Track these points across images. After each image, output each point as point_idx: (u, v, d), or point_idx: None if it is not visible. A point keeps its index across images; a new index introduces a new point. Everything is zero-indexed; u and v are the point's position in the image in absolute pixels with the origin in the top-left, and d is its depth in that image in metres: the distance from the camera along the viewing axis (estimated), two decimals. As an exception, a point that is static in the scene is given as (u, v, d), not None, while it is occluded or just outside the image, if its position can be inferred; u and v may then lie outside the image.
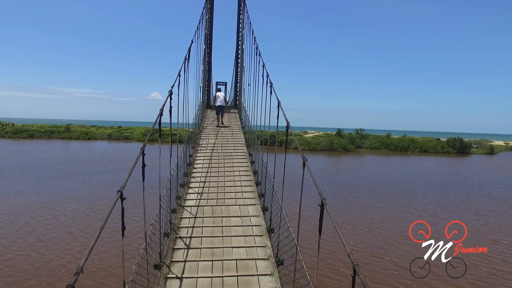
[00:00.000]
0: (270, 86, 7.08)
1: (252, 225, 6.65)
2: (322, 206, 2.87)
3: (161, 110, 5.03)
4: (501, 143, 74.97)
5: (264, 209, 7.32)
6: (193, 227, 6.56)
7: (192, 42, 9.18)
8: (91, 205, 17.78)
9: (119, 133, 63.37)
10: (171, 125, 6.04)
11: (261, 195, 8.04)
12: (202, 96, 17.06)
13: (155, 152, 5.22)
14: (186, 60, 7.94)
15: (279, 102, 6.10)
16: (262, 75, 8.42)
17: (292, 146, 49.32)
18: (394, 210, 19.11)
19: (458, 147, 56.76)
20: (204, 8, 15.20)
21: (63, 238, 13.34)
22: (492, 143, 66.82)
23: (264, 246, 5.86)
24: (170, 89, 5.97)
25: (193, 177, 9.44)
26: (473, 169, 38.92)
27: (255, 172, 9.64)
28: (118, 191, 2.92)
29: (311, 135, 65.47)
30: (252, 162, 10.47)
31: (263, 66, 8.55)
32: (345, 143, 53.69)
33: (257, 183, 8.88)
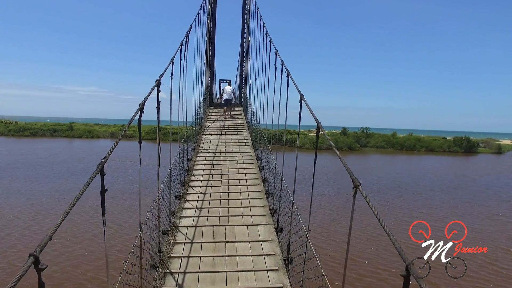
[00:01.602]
0: (287, 76, 5.70)
1: (264, 255, 5.33)
2: (407, 275, 1.69)
3: (142, 105, 3.83)
4: (508, 142, 73.48)
5: (279, 230, 6.03)
6: (188, 256, 5.27)
7: (191, 27, 7.78)
8: (76, 209, 16.58)
9: (121, 132, 62.26)
10: (158, 124, 4.72)
11: (273, 211, 6.72)
12: (204, 92, 15.73)
13: (150, 151, 4.03)
14: (183, 46, 6.59)
15: (301, 95, 4.80)
16: (275, 64, 6.98)
17: (305, 146, 48.26)
18: (399, 215, 17.87)
19: (465, 146, 55.46)
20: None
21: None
22: (499, 142, 65.37)
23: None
24: (158, 78, 4.63)
25: (192, 186, 8.11)
26: (481, 169, 37.59)
27: (265, 181, 8.33)
28: (29, 255, 1.60)
29: (315, 133, 64.20)
30: (261, 168, 9.20)
31: (276, 53, 7.13)
32: (350, 142, 52.50)
33: (268, 195, 7.59)
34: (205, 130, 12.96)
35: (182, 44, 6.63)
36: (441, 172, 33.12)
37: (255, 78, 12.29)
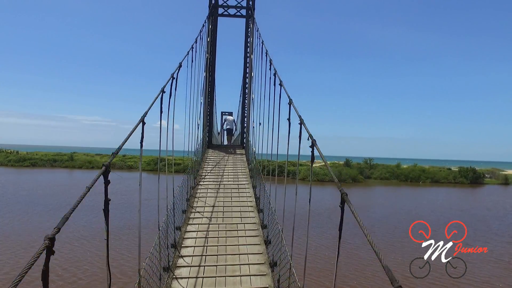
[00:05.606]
0: (300, 123, 4.91)
1: None
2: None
3: (106, 165, 2.77)
4: (513, 172, 72.43)
5: None
6: None
7: (180, 66, 6.60)
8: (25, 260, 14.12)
9: (123, 162, 61.73)
10: (141, 174, 3.93)
11: None
12: (203, 134, 14.30)
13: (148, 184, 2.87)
14: (174, 80, 5.53)
15: (312, 141, 4.15)
16: (288, 119, 5.77)
17: (307, 178, 47.06)
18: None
19: (471, 177, 54.57)
20: (204, 25, 12.71)
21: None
22: (505, 173, 64.37)
23: None
24: (143, 115, 4.03)
25: (177, 277, 6.07)
26: (490, 200, 36.49)
27: (273, 265, 6.39)
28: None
29: (318, 165, 63.45)
30: (268, 243, 7.32)
31: (290, 103, 5.85)
32: (354, 174, 51.67)
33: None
34: (200, 182, 11.39)
35: (173, 77, 5.74)
36: (450, 206, 32.01)
37: (259, 123, 10.72)
